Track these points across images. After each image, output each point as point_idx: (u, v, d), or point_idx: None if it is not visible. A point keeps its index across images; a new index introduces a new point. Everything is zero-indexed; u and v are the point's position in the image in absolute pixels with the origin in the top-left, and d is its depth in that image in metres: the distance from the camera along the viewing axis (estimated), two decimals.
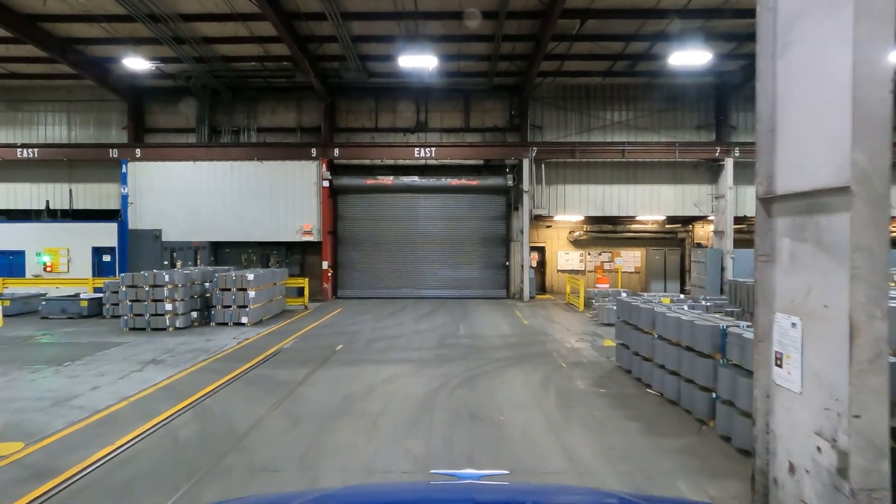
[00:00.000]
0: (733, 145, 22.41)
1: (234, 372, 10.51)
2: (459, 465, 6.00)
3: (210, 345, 13.26)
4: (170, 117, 23.85)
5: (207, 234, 22.74)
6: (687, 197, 23.53)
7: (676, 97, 23.37)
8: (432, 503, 2.15)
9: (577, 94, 23.54)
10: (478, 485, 2.45)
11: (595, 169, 23.32)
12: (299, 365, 11.16)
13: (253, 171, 22.64)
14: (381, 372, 10.56)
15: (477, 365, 11.11)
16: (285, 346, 13.25)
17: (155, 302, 15.33)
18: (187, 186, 22.63)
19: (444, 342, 13.71)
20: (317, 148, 22.44)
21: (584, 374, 10.49)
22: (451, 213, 23.63)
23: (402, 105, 23.70)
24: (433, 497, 2.23)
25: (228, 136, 23.53)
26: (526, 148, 22.45)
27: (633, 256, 26.30)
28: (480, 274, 23.74)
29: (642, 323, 9.62)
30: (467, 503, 2.10)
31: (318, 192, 22.47)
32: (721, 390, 7.08)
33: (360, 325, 16.49)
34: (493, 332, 15.13)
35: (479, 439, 7.01)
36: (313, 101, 23.24)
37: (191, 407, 8.36)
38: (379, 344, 13.50)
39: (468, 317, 18.12)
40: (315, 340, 13.98)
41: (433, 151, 22.41)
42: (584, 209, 23.60)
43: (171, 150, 22.73)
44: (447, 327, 16.00)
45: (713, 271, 22.67)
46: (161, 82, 22.75)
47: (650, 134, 23.43)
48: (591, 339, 14.18)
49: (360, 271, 23.70)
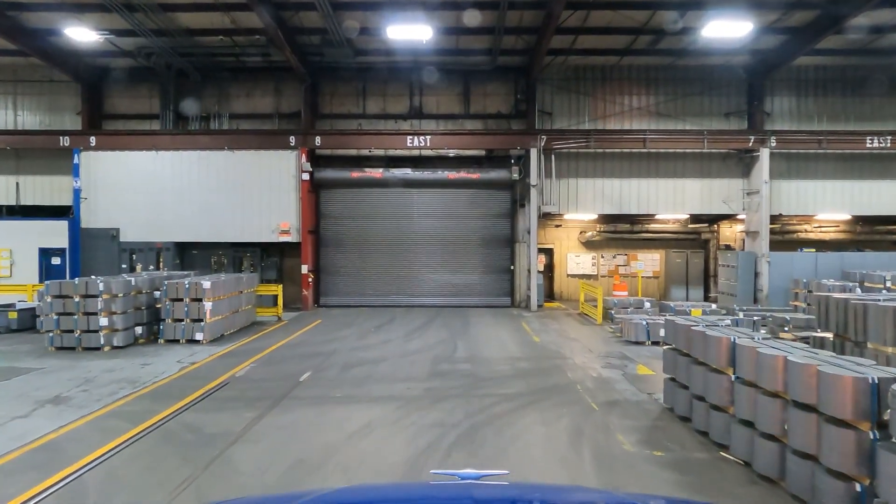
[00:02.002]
0: (769, 133, 19.70)
1: (153, 418, 7.78)
2: None
3: (144, 372, 10.53)
4: (131, 102, 21.11)
5: (172, 233, 20.01)
6: (715, 193, 20.82)
7: (704, 79, 20.66)
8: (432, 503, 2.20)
9: (591, 76, 20.82)
10: (478, 484, 2.37)
11: (611, 161, 20.60)
12: (245, 405, 8.45)
13: (223, 163, 19.91)
14: (351, 418, 7.84)
15: (480, 407, 8.39)
16: (238, 373, 10.52)
17: (88, 315, 12.60)
18: (149, 179, 19.90)
19: (438, 368, 10.98)
20: (296, 136, 19.70)
21: (625, 422, 7.77)
22: (448, 211, 20.91)
23: (393, 88, 20.98)
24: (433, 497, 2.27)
25: (197, 123, 20.80)
26: (534, 136, 19.72)
27: (652, 259, 23.59)
28: (482, 279, 21.01)
29: (710, 357, 6.91)
30: (468, 502, 2.10)
31: (298, 185, 19.73)
32: (883, 486, 4.37)
33: (339, 342, 13.77)
34: (498, 354, 12.41)
35: None
36: (293, 84, 20.51)
37: (53, 489, 5.63)
38: (356, 371, 10.77)
39: (468, 331, 15.41)
40: (278, 365, 11.26)
41: (428, 140, 19.68)
42: (598, 206, 20.89)
43: (131, 139, 19.99)
44: (443, 346, 13.27)
45: (745, 277, 19.96)
46: (119, 61, 20.02)
47: (673, 121, 20.72)
48: (620, 363, 11.47)
49: (345, 276, 20.97)
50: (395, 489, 3.09)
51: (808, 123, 20.62)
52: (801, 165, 20.55)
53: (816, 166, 20.54)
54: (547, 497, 2.40)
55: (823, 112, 20.65)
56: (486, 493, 2.24)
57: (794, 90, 20.72)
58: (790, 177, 20.54)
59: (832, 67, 20.39)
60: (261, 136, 19.96)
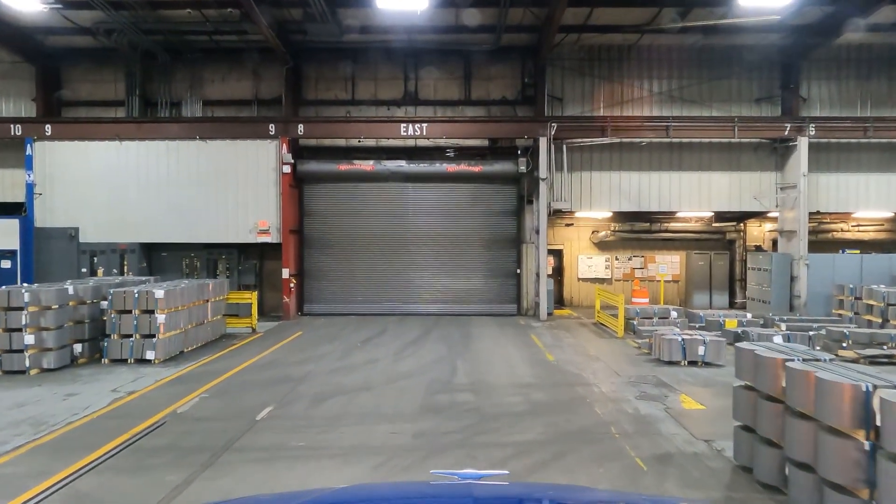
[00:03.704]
0: (807, 121, 17.52)
1: (33, 489, 5.61)
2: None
3: (61, 408, 8.36)
4: (93, 87, 18.95)
5: (138, 233, 17.84)
6: (745, 187, 18.65)
7: (732, 61, 18.48)
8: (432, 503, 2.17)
9: (607, 57, 18.63)
10: (478, 484, 2.33)
11: (630, 152, 18.42)
12: (172, 462, 6.29)
13: (195, 154, 17.75)
14: (309, 485, 5.67)
15: (488, 466, 6.20)
16: (181, 408, 8.36)
17: (10, 332, 10.44)
18: (112, 173, 17.74)
19: (433, 401, 8.81)
20: (276, 124, 17.53)
21: (689, 492, 5.60)
22: (447, 208, 18.73)
23: (385, 71, 18.81)
24: (433, 496, 2.24)
25: (167, 111, 18.65)
26: (543, 124, 17.54)
27: (671, 262, 21.42)
28: (484, 284, 18.82)
29: (825, 411, 4.73)
30: (468, 502, 2.06)
31: (278, 179, 17.56)
32: None
33: (317, 361, 11.60)
34: (506, 378, 10.24)
35: None
36: (273, 67, 18.34)
37: None
38: (330, 406, 8.60)
39: (469, 346, 13.24)
40: (234, 396, 9.09)
41: (425, 128, 17.50)
42: (615, 203, 18.70)
43: (92, 127, 17.82)
44: (440, 367, 11.10)
45: (780, 282, 17.80)
46: (78, 40, 17.86)
47: (698, 107, 18.55)
48: (658, 392, 9.29)
49: (331, 281, 18.78)
50: (396, 488, 3.05)
51: (850, 109, 18.45)
52: (842, 157, 18.38)
53: (859, 158, 18.37)
54: (547, 497, 2.38)
55: (867, 97, 18.46)
56: (486, 492, 2.19)
57: (834, 72, 18.55)
58: (829, 169, 18.36)
59: (879, 47, 18.21)
60: (237, 125, 17.78)
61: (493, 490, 2.26)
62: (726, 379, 10.11)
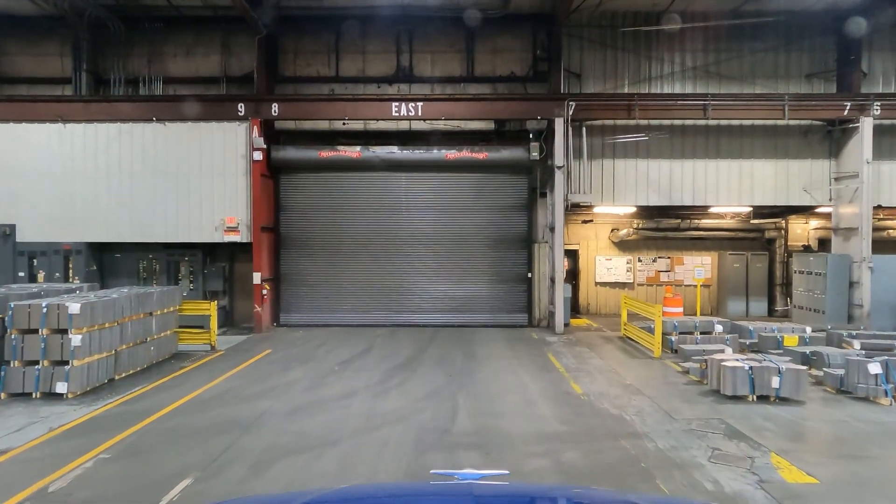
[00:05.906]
0: (872, 98, 14.89)
1: None
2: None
3: None
4: (36, 61, 16.38)
5: (84, 231, 15.26)
6: (793, 177, 16.04)
7: (779, 31, 15.87)
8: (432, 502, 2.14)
9: (633, 24, 15.95)
10: (478, 484, 2.29)
11: (659, 137, 15.80)
12: None
13: (152, 139, 15.18)
14: None
15: None
16: (54, 483, 5.75)
17: None
18: (54, 161, 15.18)
19: (424, 463, 6.20)
20: (246, 103, 14.95)
21: None
22: (447, 201, 16.13)
23: (374, 43, 16.21)
24: (433, 496, 2.21)
25: (121, 89, 16.09)
26: (559, 103, 14.92)
27: (702, 264, 18.78)
28: (490, 290, 16.19)
29: None
30: (468, 502, 2.03)
31: (248, 168, 14.99)
32: None
33: (277, 395, 9.00)
34: (525, 425, 7.62)
35: None
36: (245, 40, 15.75)
37: None
38: (277, 474, 6.00)
39: (474, 372, 10.63)
40: (146, 457, 6.49)
41: (420, 108, 14.90)
42: (642, 195, 16.09)
43: (31, 107, 15.23)
44: (435, 406, 8.49)
45: (837, 288, 15.19)
46: (16, 5, 15.28)
47: (738, 84, 15.95)
48: (736, 450, 6.68)
49: (312, 287, 16.17)
50: (396, 488, 3.00)
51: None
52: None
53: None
54: (547, 497, 2.35)
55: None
56: (486, 492, 2.16)
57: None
58: (892, 157, 15.75)
59: None
60: (201, 105, 15.11)
61: (493, 490, 2.23)
62: (821, 426, 7.54)
